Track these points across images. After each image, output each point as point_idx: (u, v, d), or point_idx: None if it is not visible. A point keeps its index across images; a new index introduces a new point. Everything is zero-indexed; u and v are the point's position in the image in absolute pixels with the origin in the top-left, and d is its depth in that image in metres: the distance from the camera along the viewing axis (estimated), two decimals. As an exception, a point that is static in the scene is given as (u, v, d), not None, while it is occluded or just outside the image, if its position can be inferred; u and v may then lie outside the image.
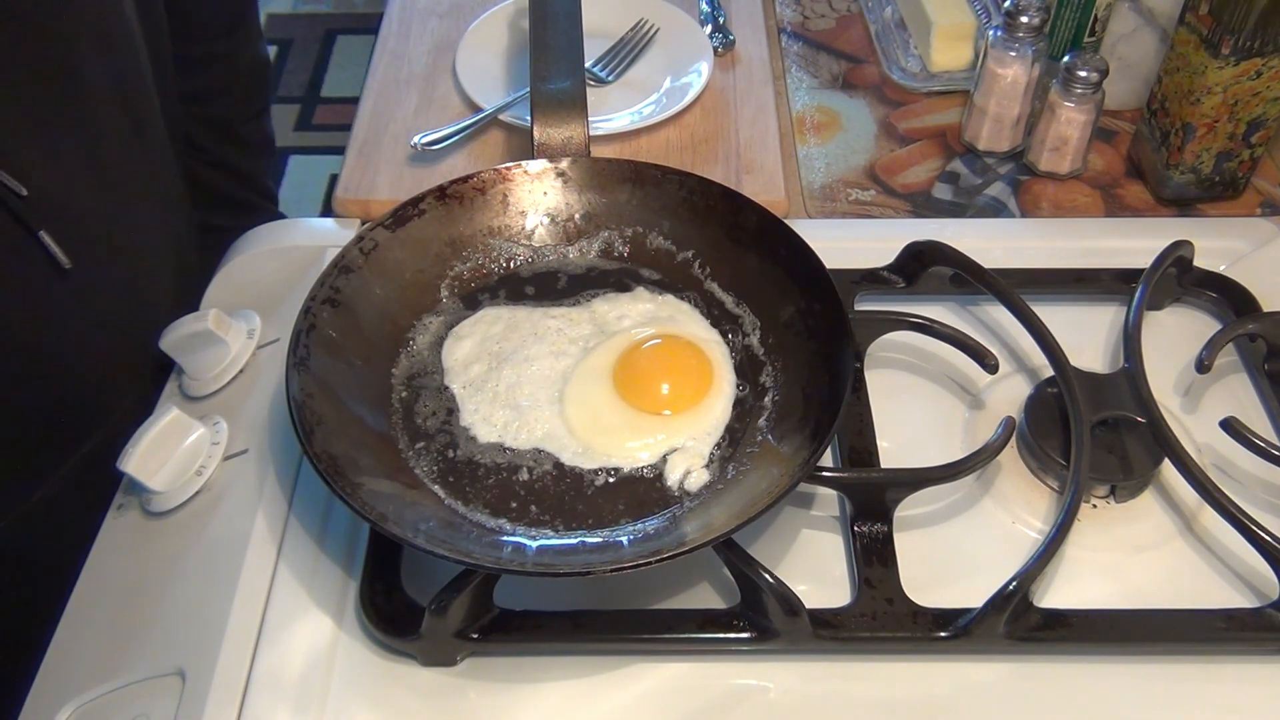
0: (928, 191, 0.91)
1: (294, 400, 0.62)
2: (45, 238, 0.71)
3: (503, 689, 0.60)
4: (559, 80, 0.79)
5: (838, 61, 1.04)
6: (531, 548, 0.61)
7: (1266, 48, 0.78)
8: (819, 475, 0.64)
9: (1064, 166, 0.90)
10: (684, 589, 0.64)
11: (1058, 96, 0.87)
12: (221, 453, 0.69)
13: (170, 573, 0.65)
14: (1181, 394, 0.75)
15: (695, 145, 0.92)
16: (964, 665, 0.61)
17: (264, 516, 0.66)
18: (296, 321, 0.66)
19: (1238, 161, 0.86)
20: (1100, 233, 0.86)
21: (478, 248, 0.76)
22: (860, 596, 0.62)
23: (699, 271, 0.76)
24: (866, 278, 0.78)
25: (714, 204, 0.75)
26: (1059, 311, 0.75)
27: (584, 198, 0.78)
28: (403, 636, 0.60)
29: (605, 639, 0.61)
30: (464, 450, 0.67)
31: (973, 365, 0.71)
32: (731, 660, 0.62)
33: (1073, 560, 0.65)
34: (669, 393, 0.69)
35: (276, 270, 0.82)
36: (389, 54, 1.02)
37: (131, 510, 0.69)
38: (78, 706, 0.60)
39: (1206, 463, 0.70)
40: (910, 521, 0.67)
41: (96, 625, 0.65)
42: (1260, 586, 0.64)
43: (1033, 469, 0.70)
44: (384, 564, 0.63)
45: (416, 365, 0.71)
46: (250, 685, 0.59)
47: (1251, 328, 0.74)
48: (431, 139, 0.89)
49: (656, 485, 0.65)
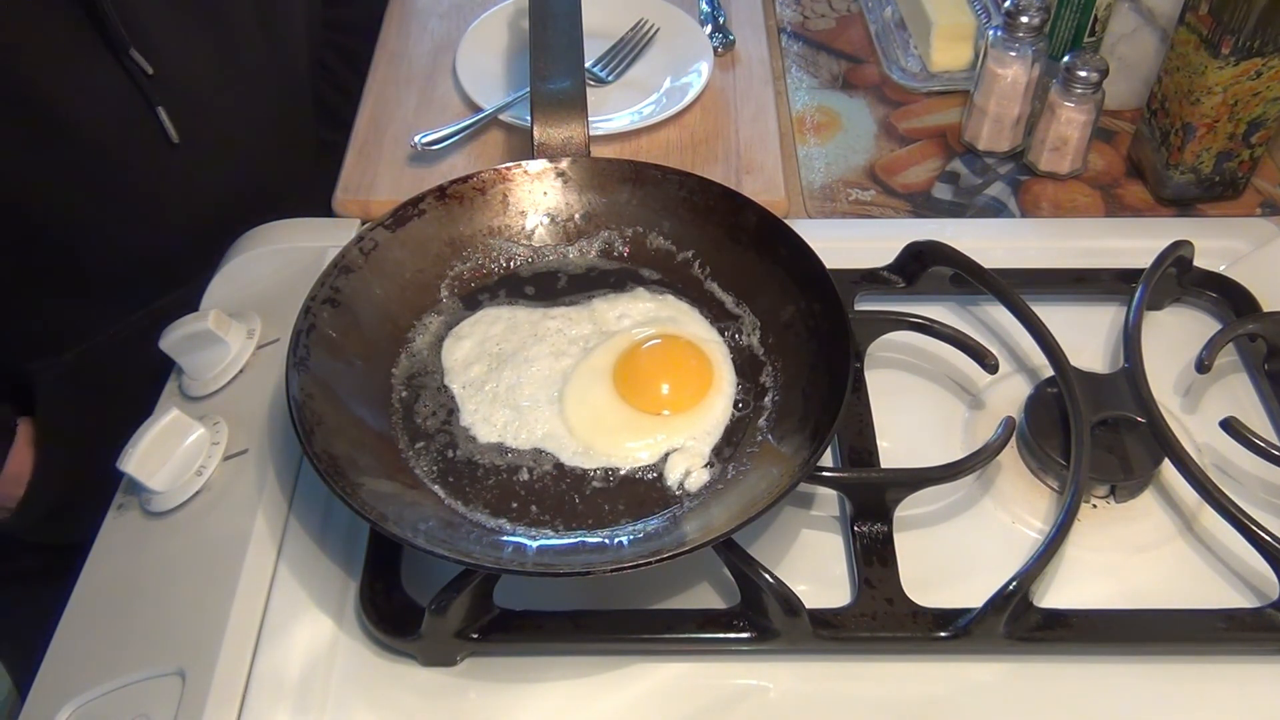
0: (928, 191, 0.91)
1: (294, 400, 0.62)
2: (161, 114, 0.80)
3: (503, 689, 0.60)
4: (559, 80, 0.79)
5: (838, 61, 1.04)
6: (531, 548, 0.61)
7: (1266, 48, 0.78)
8: (819, 475, 0.64)
9: (1064, 166, 0.90)
10: (684, 589, 0.64)
11: (1058, 96, 0.87)
12: (221, 453, 0.69)
13: (170, 573, 0.65)
14: (1181, 394, 0.75)
15: (695, 145, 0.92)
16: (964, 665, 0.61)
17: (264, 516, 0.66)
18: (296, 321, 0.66)
19: (1238, 161, 0.86)
20: (1100, 233, 0.86)
21: (478, 248, 0.76)
22: (860, 596, 0.62)
23: (699, 271, 0.76)
24: (866, 278, 0.78)
25: (714, 204, 0.75)
26: (1059, 311, 0.75)
27: (584, 198, 0.78)
28: (403, 636, 0.60)
29: (605, 639, 0.61)
30: (464, 450, 0.67)
31: (973, 365, 0.71)
32: (731, 660, 0.62)
33: (1073, 560, 0.65)
34: (669, 393, 0.69)
35: (276, 270, 0.82)
36: (389, 54, 1.02)
37: (131, 510, 0.69)
38: (78, 706, 0.60)
39: (1206, 463, 0.70)
40: (910, 521, 0.67)
41: (96, 625, 0.64)
42: (1260, 586, 0.64)
43: (1033, 469, 0.70)
44: (384, 564, 0.63)
45: (416, 365, 0.71)
46: (250, 685, 0.59)
47: (1251, 328, 0.74)
48: (431, 139, 0.89)
49: (656, 485, 0.65)
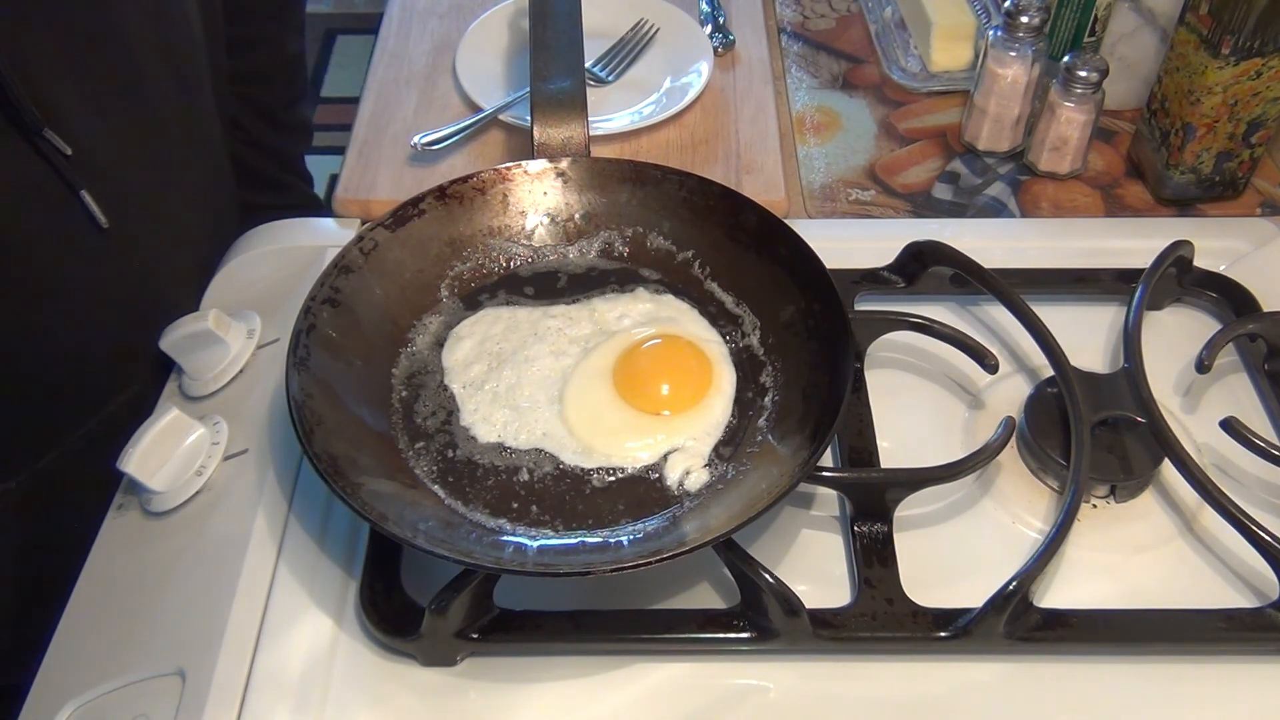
0: (928, 191, 0.91)
1: (294, 400, 0.62)
2: (86, 197, 0.74)
3: (503, 689, 0.60)
4: (559, 80, 0.79)
5: (838, 61, 1.04)
6: (531, 548, 0.61)
7: (1266, 48, 0.78)
8: (819, 475, 0.64)
9: (1064, 166, 0.90)
10: (684, 589, 0.64)
11: (1058, 96, 0.87)
12: (221, 453, 0.69)
13: (170, 573, 0.65)
14: (1181, 394, 0.75)
15: (695, 145, 0.92)
16: (964, 665, 0.61)
17: (264, 516, 0.66)
18: (296, 321, 0.66)
19: (1238, 161, 0.86)
20: (1100, 233, 0.86)
21: (478, 248, 0.76)
22: (860, 596, 0.62)
23: (699, 271, 0.76)
24: (866, 278, 0.78)
25: (714, 204, 0.75)
26: (1059, 311, 0.75)
27: (584, 198, 0.78)
28: (403, 636, 0.60)
29: (605, 639, 0.61)
30: (464, 450, 0.67)
31: (973, 365, 0.71)
32: (731, 660, 0.62)
33: (1073, 560, 0.65)
34: (669, 393, 0.69)
35: (276, 270, 0.82)
36: (389, 54, 1.02)
37: (131, 510, 0.69)
38: (78, 706, 0.60)
39: (1206, 463, 0.70)
40: (910, 521, 0.67)
41: (96, 625, 0.64)
42: (1260, 586, 0.64)
43: (1033, 469, 0.70)
44: (384, 564, 0.63)
45: (416, 365, 0.71)
46: (250, 685, 0.59)
47: (1251, 328, 0.74)
48: (431, 139, 0.89)
49: (656, 485, 0.65)
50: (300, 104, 1.14)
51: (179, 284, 0.84)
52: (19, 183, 0.71)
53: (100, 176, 0.74)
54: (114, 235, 0.76)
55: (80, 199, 0.73)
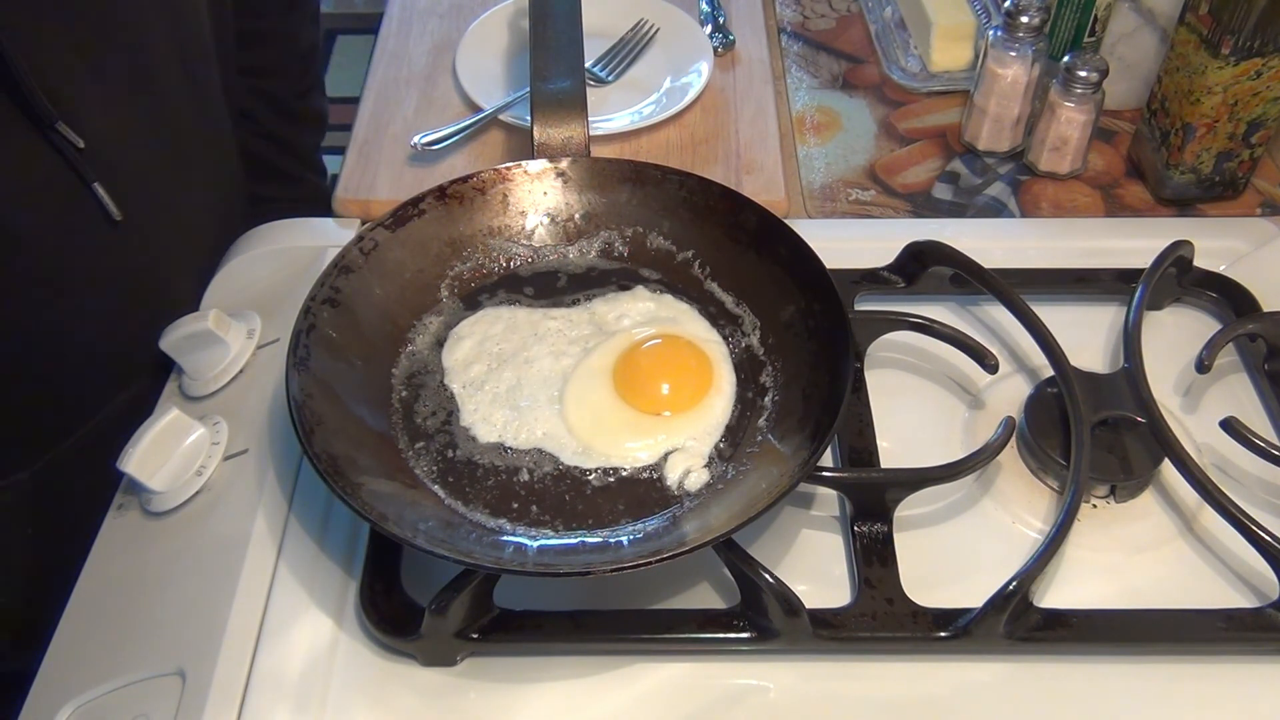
0: (928, 191, 0.91)
1: (294, 400, 0.62)
2: (98, 189, 0.74)
3: (503, 689, 0.60)
4: (559, 80, 0.79)
5: (838, 61, 1.04)
6: (532, 548, 0.61)
7: (1266, 48, 0.78)
8: (819, 475, 0.64)
9: (1064, 166, 0.90)
10: (684, 589, 0.64)
11: (1058, 96, 0.87)
12: (221, 453, 0.69)
13: (170, 573, 0.65)
14: (1181, 394, 0.75)
15: (695, 145, 0.92)
16: (964, 665, 0.61)
17: (264, 516, 0.66)
18: (296, 321, 0.66)
19: (1238, 161, 0.86)
20: (1100, 233, 0.86)
21: (478, 248, 0.76)
22: (860, 596, 0.62)
23: (699, 271, 0.76)
24: (866, 278, 0.78)
25: (714, 204, 0.75)
26: (1059, 311, 0.75)
27: (584, 198, 0.78)
28: (403, 636, 0.60)
29: (605, 639, 0.61)
30: (464, 450, 0.67)
31: (973, 365, 0.71)
32: (731, 660, 0.62)
33: (1073, 560, 0.65)
34: (669, 393, 0.69)
35: (276, 270, 0.82)
36: (389, 54, 1.02)
37: (131, 510, 0.69)
38: (78, 706, 0.60)
39: (1206, 463, 0.70)
40: (910, 521, 0.67)
41: (96, 625, 0.64)
42: (1260, 586, 0.64)
43: (1033, 469, 0.70)
44: (384, 564, 0.63)
45: (416, 365, 0.71)
46: (250, 685, 0.59)
47: (1251, 328, 0.74)
48: (431, 139, 0.89)
49: (656, 485, 0.65)
50: (313, 94, 1.14)
51: (185, 279, 0.84)
52: (32, 176, 0.72)
53: (112, 169, 0.75)
54: (125, 228, 0.77)
55: (93, 192, 0.74)
